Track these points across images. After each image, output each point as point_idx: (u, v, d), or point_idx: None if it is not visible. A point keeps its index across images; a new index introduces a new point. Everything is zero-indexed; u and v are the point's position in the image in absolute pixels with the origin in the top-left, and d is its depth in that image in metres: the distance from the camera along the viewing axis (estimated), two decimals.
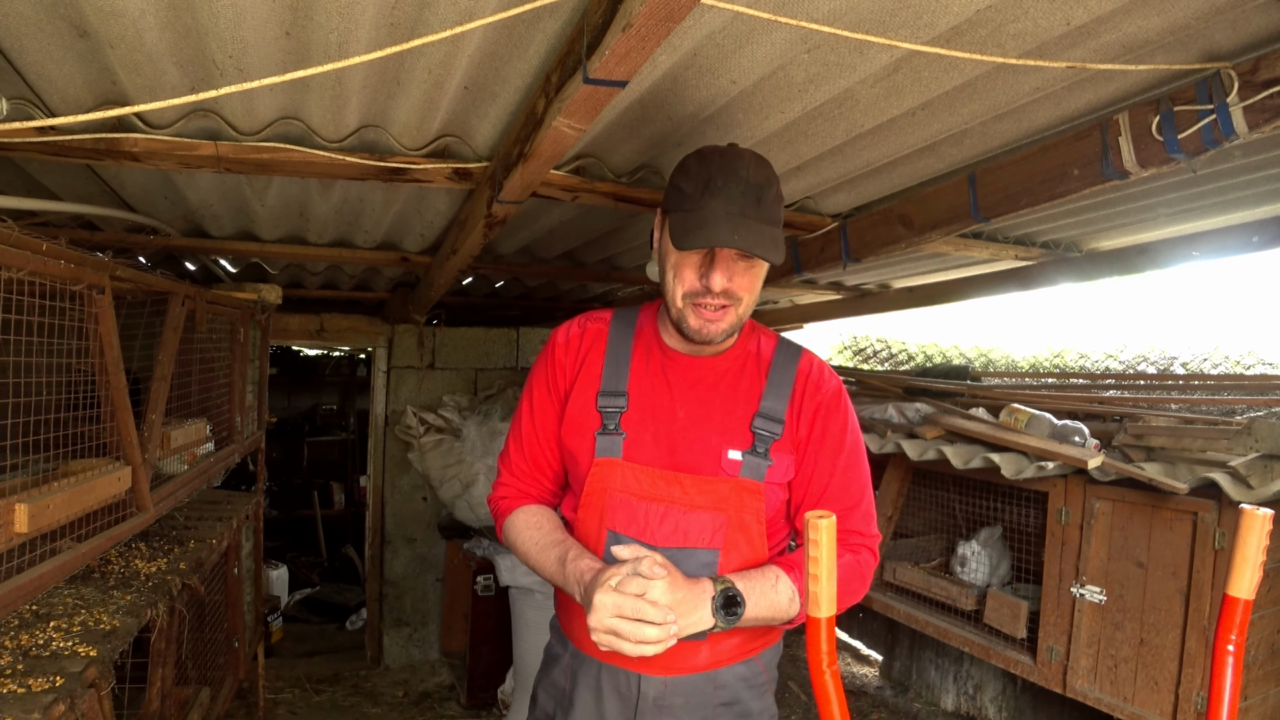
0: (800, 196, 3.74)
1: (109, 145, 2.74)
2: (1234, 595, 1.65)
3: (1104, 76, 2.41)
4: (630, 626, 1.83)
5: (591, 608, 1.87)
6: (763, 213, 1.99)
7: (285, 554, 9.04)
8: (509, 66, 2.44)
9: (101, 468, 2.57)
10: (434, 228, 4.40)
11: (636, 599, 1.85)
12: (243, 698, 5.57)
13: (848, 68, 2.40)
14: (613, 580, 1.89)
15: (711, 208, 1.96)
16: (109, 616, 2.60)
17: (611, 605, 1.85)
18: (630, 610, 1.84)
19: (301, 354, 10.81)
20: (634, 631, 1.83)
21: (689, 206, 2.00)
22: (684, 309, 2.11)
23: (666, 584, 1.88)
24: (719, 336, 2.13)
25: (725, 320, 2.10)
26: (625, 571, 1.91)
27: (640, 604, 1.84)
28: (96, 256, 2.48)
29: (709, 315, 2.08)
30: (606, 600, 1.86)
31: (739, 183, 1.98)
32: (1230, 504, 3.24)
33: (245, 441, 4.79)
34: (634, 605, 1.84)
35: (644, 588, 1.87)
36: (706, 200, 1.97)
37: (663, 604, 1.85)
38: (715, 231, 1.93)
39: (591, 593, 1.89)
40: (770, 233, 2.00)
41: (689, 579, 1.97)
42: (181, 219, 4.14)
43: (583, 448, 2.23)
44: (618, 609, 1.84)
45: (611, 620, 1.84)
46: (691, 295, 2.08)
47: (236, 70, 2.39)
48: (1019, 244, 4.50)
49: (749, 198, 1.98)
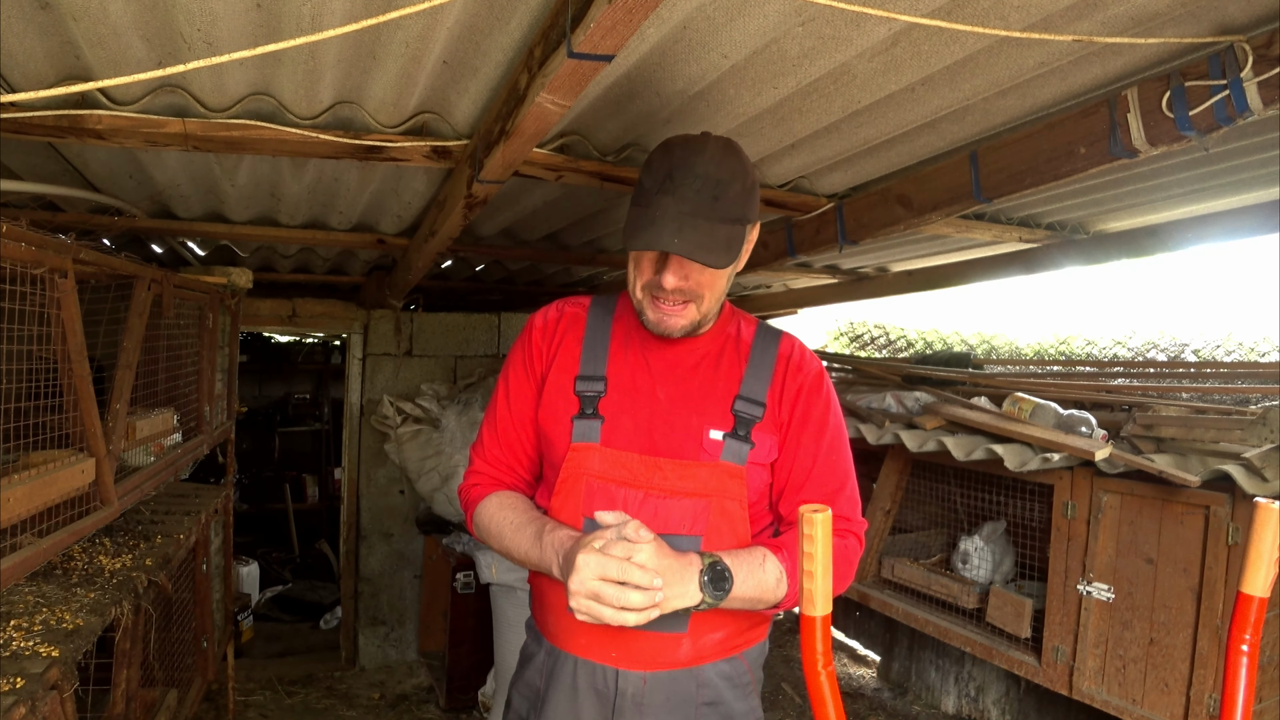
0: (794, 176, 3.74)
1: (72, 122, 2.73)
2: (1248, 593, 1.65)
3: (1112, 50, 2.42)
4: (614, 590, 1.83)
5: (573, 568, 1.87)
6: (719, 211, 2.03)
7: (256, 550, 9.03)
8: (490, 40, 2.44)
9: (64, 459, 2.57)
10: (412, 209, 4.39)
11: (622, 561, 1.85)
12: (211, 700, 5.58)
13: (844, 41, 2.40)
14: (597, 543, 1.90)
15: (663, 206, 2.01)
16: (72, 615, 2.60)
17: (595, 566, 1.85)
18: (615, 572, 1.84)
19: (273, 340, 10.78)
20: (618, 596, 1.83)
21: (644, 202, 2.06)
22: (643, 300, 2.17)
23: (654, 549, 1.89)
24: (677, 331, 2.17)
25: (684, 317, 2.15)
26: (610, 535, 1.92)
27: (626, 566, 1.84)
28: (59, 239, 2.47)
29: (667, 309, 2.14)
30: (590, 560, 1.86)
31: (695, 179, 2.02)
32: (1244, 497, 3.26)
33: (214, 432, 4.78)
34: (620, 568, 1.84)
35: (630, 551, 1.87)
36: (659, 199, 2.03)
37: (650, 568, 1.85)
38: (659, 234, 1.98)
39: (574, 555, 1.89)
40: (723, 232, 2.03)
41: (676, 551, 1.98)
42: (148, 200, 4.12)
43: (559, 433, 2.25)
44: (601, 570, 1.84)
45: (594, 583, 1.84)
46: (649, 288, 2.14)
47: (205, 44, 2.38)
48: (1023, 225, 4.51)
49: (704, 196, 2.02)
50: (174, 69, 1.78)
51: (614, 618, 1.84)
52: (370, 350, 7.14)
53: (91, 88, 2.02)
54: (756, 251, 4.57)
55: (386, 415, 6.73)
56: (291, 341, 10.91)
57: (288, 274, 6.56)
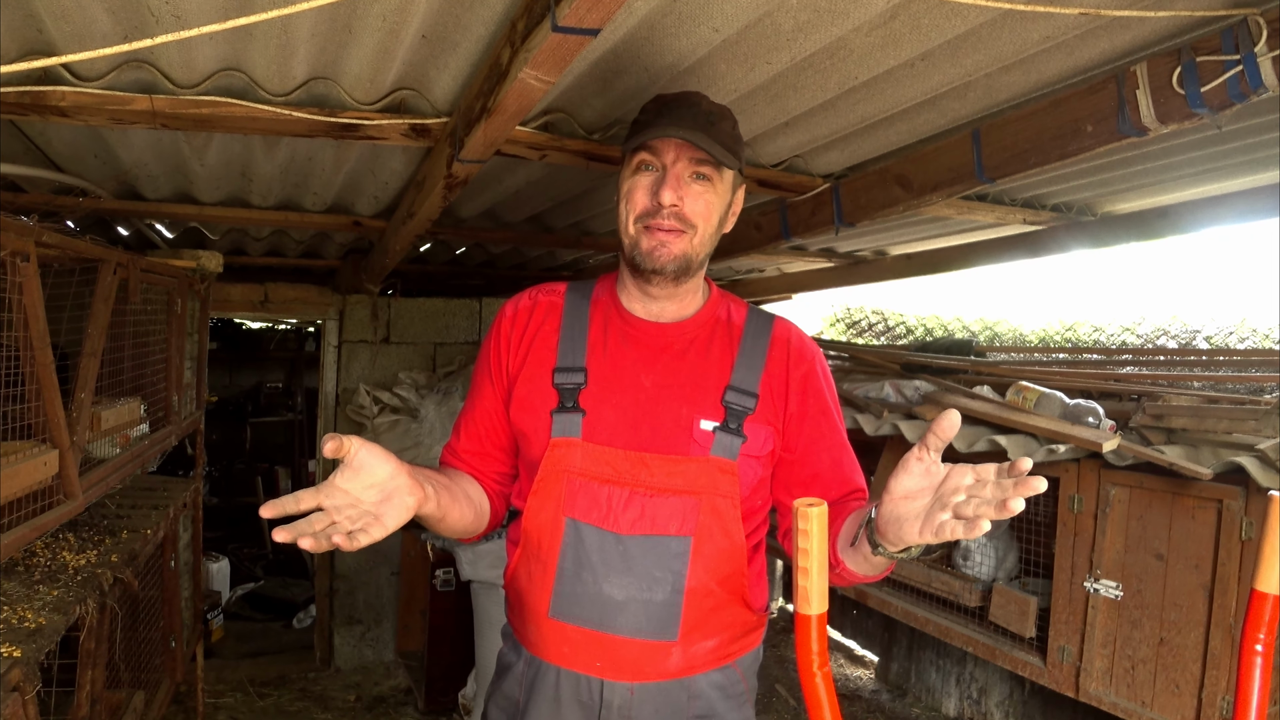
0: (789, 155, 3.74)
1: (34, 99, 2.72)
2: (1262, 590, 1.65)
3: (1120, 24, 2.42)
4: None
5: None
6: (715, 134, 2.12)
7: (226, 545, 9.04)
8: (471, 13, 2.43)
9: (25, 451, 2.57)
10: (389, 189, 4.38)
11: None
12: (180, 702, 5.58)
13: (840, 14, 2.40)
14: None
15: (664, 121, 2.11)
16: (34, 614, 2.60)
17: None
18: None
19: (244, 327, 10.78)
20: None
21: (643, 130, 2.15)
22: (637, 236, 2.18)
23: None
24: (671, 264, 2.16)
25: (678, 244, 2.16)
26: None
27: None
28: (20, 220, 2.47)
29: (661, 235, 2.15)
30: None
31: (692, 107, 2.15)
32: (1258, 490, 3.27)
33: (183, 423, 4.78)
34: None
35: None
36: (660, 119, 2.13)
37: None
38: (663, 131, 2.08)
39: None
40: (719, 150, 2.12)
41: (671, 553, 2.09)
42: (113, 180, 4.11)
43: (538, 428, 2.22)
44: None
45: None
46: (643, 217, 2.16)
47: (173, 17, 2.37)
48: (1027, 207, 4.51)
49: (701, 120, 2.13)
50: (141, 43, 1.78)
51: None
52: (346, 337, 7.15)
53: (55, 63, 2.02)
54: (749, 234, 4.57)
55: (363, 405, 6.73)
56: (264, 328, 10.91)
57: (259, 258, 6.55)
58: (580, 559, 2.12)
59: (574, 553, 2.13)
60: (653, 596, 2.11)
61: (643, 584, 2.10)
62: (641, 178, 2.17)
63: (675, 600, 2.12)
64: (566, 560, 2.14)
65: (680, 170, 2.11)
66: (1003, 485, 1.52)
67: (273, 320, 10.28)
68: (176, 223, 5.46)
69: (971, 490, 1.58)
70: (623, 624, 2.11)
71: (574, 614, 2.14)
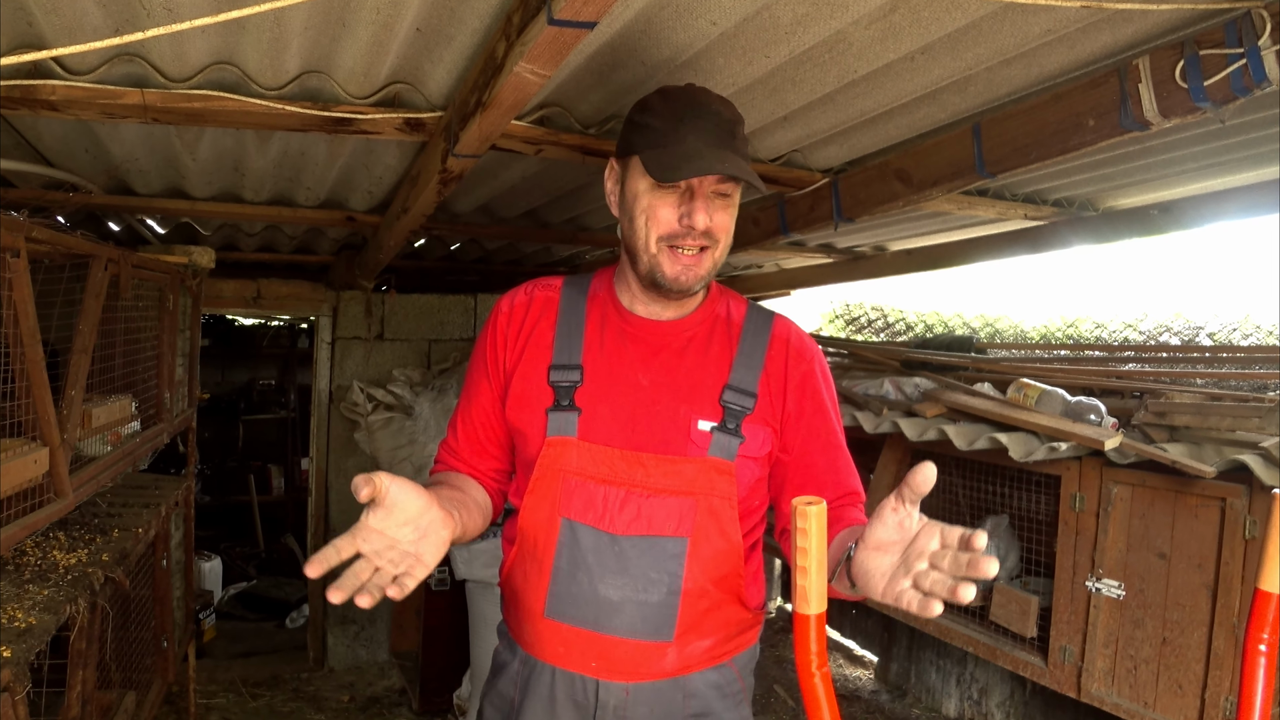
0: (787, 150, 3.75)
1: (24, 93, 2.72)
2: (1266, 589, 1.65)
3: (1123, 17, 2.42)
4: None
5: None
6: (738, 147, 2.08)
7: (219, 544, 9.05)
8: (466, 5, 2.43)
9: (15, 449, 2.57)
10: (383, 184, 4.39)
11: None
12: (172, 703, 5.58)
13: (839, 7, 2.40)
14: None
15: (690, 141, 2.02)
16: (24, 613, 2.60)
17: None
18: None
19: (237, 323, 10.75)
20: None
21: (663, 142, 2.05)
22: (658, 255, 2.12)
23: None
24: (696, 284, 2.15)
25: (703, 265, 2.13)
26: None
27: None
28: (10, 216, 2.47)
29: (687, 260, 2.11)
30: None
31: (712, 116, 2.07)
32: (1262, 489, 3.26)
33: (174, 420, 4.78)
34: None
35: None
36: (683, 134, 2.03)
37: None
38: (702, 161, 1.98)
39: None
40: (745, 160, 2.09)
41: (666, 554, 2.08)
42: (104, 174, 4.12)
43: (533, 426, 2.21)
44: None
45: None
46: (669, 238, 2.09)
47: (165, 10, 2.37)
48: (1028, 202, 4.51)
49: (723, 131, 2.06)
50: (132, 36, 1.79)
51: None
52: (339, 334, 7.14)
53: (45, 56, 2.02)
54: (747, 229, 4.58)
55: (357, 402, 6.72)
56: (256, 324, 10.88)
57: (252, 253, 6.56)
58: (576, 559, 2.12)
59: (569, 553, 2.13)
60: (648, 597, 2.11)
61: (639, 585, 2.10)
62: (664, 194, 2.08)
63: (671, 601, 2.12)
64: (562, 560, 2.13)
65: (706, 188, 2.06)
66: (959, 560, 1.52)
67: (265, 316, 10.27)
68: (168, 218, 5.45)
69: (935, 558, 1.58)
70: (618, 624, 2.11)
71: (569, 614, 2.14)
